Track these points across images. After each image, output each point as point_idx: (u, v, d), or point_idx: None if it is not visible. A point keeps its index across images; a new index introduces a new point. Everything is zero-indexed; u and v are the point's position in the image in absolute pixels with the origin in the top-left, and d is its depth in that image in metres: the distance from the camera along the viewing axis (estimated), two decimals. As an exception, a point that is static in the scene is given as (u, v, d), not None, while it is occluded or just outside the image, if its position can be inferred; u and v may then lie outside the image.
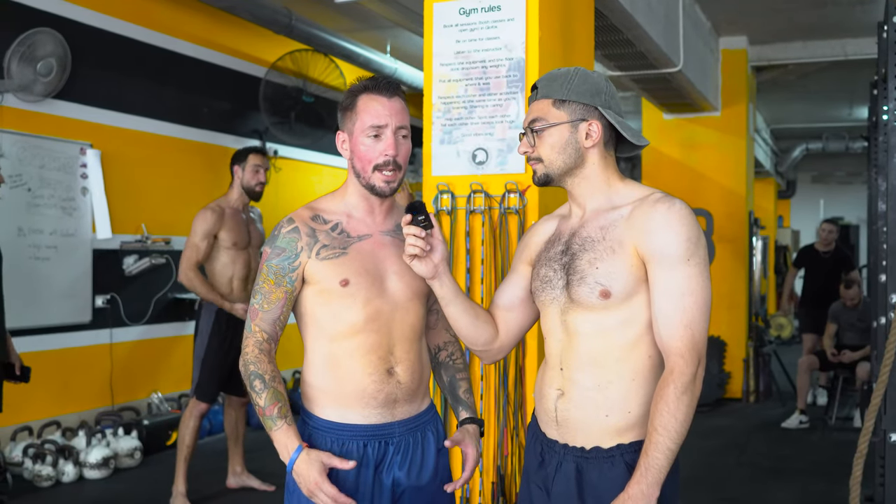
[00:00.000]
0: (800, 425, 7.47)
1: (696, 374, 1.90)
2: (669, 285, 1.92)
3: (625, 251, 1.97)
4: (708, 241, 8.32)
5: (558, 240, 2.12)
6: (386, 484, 2.21)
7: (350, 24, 8.08)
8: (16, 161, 5.75)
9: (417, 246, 2.08)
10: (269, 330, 2.19)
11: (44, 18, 5.92)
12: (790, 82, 10.67)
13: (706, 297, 1.94)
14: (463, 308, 2.19)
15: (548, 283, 2.08)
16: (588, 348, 2.01)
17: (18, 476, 5.43)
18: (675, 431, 1.87)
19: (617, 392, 1.98)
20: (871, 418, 3.23)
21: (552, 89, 2.07)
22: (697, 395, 1.92)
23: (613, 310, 1.98)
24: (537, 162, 2.09)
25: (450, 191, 3.90)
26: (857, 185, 19.27)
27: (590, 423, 2.00)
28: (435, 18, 3.98)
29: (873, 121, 4.61)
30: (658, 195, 2.01)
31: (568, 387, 2.04)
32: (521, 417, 3.77)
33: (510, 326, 2.26)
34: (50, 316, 6.00)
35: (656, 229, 1.94)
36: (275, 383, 2.14)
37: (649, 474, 1.88)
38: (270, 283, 2.18)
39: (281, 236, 2.20)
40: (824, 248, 8.52)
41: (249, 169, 5.11)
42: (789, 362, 9.55)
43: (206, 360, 4.96)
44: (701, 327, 1.92)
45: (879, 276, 4.33)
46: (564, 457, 2.04)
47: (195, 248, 4.95)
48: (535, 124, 2.07)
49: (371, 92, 2.20)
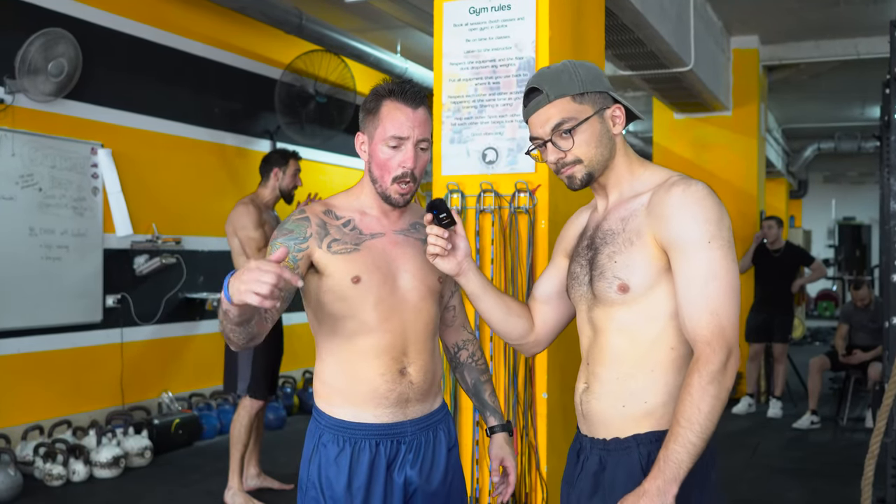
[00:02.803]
0: (811, 426, 7.44)
1: (726, 363, 1.79)
2: (692, 271, 1.83)
3: (643, 241, 1.90)
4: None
5: (585, 234, 2.08)
6: (398, 483, 2.21)
7: (360, 24, 8.09)
8: (27, 161, 5.77)
9: (438, 245, 2.07)
10: None
11: (55, 19, 5.94)
12: (802, 82, 10.63)
13: (732, 281, 1.84)
14: (493, 302, 2.17)
15: (576, 280, 2.05)
16: (612, 344, 1.97)
17: (29, 475, 5.45)
18: (699, 423, 1.76)
19: (635, 383, 1.93)
20: (883, 419, 3.22)
21: (564, 87, 1.97)
22: (728, 386, 1.80)
23: (633, 304, 1.91)
24: (574, 165, 1.98)
25: (460, 190, 3.89)
26: (870, 184, 19.19)
27: (608, 414, 1.97)
28: (445, 17, 3.98)
29: (885, 120, 4.59)
30: (675, 178, 1.93)
31: (591, 380, 2.02)
32: (530, 417, 3.76)
33: (547, 319, 2.22)
34: (61, 315, 6.02)
35: (673, 215, 1.86)
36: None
37: (668, 469, 1.76)
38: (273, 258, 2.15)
39: (290, 221, 2.20)
40: (773, 247, 8.20)
41: (290, 173, 5.21)
42: (801, 363, 9.51)
43: (258, 358, 4.99)
44: (729, 313, 1.82)
45: (891, 276, 4.32)
46: (591, 450, 2.02)
47: (253, 240, 4.91)
48: (566, 125, 1.95)
49: (397, 99, 2.17)
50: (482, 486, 3.83)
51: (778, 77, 10.06)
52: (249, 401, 5.02)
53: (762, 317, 8.13)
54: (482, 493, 3.82)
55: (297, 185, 5.26)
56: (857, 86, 11.11)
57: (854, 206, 20.21)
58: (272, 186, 5.19)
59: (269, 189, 5.19)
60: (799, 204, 18.94)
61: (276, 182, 5.18)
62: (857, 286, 7.83)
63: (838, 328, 8.02)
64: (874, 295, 8.12)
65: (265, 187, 5.20)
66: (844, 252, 18.67)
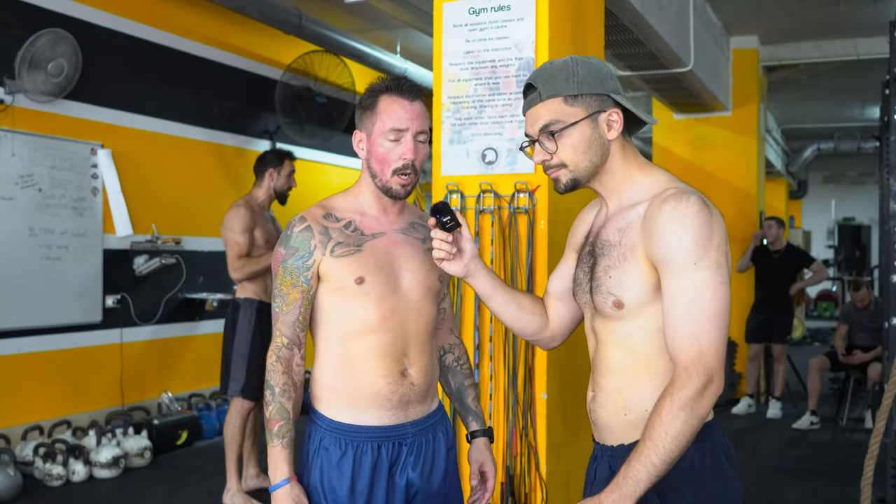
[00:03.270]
0: (811, 426, 7.44)
1: (703, 390, 1.73)
2: (676, 293, 1.77)
3: (636, 258, 1.85)
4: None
5: (590, 237, 2.04)
6: (399, 485, 2.21)
7: (360, 25, 8.09)
8: (27, 161, 5.77)
9: (443, 249, 2.07)
10: (289, 333, 2.19)
11: (55, 19, 5.94)
12: (802, 82, 10.63)
13: (718, 304, 1.76)
14: (504, 300, 2.16)
15: (580, 287, 2.02)
16: (612, 356, 1.94)
17: (29, 475, 5.45)
18: (663, 447, 1.72)
19: (635, 393, 1.91)
20: (883, 419, 3.22)
21: (558, 86, 1.91)
22: (701, 414, 1.74)
23: (630, 319, 1.88)
24: (559, 168, 1.94)
25: (459, 191, 3.89)
26: (869, 185, 19.19)
27: (613, 421, 1.96)
28: (444, 18, 3.98)
29: (885, 120, 4.59)
30: (670, 192, 1.84)
31: (597, 390, 2.01)
32: (529, 417, 3.76)
33: (561, 314, 2.19)
34: (61, 316, 6.02)
35: (661, 232, 1.79)
36: (283, 398, 2.17)
37: (625, 485, 1.74)
38: (287, 284, 2.18)
39: (294, 236, 2.19)
40: (773, 248, 8.19)
41: (285, 173, 5.20)
42: (800, 363, 9.51)
43: (252, 357, 4.96)
44: (711, 339, 1.74)
45: (891, 277, 4.32)
46: (602, 457, 2.01)
47: (237, 244, 4.94)
48: (552, 127, 1.90)
49: (393, 94, 2.18)
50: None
51: (777, 77, 10.06)
52: (240, 401, 4.99)
53: (762, 317, 8.13)
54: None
55: (292, 185, 5.25)
56: (857, 86, 11.11)
57: (854, 207, 20.19)
58: (267, 186, 5.18)
59: (264, 189, 5.19)
60: (798, 204, 18.94)
61: (270, 182, 5.17)
62: (856, 287, 7.84)
63: (838, 328, 8.02)
64: (874, 295, 8.12)
65: (259, 187, 5.20)
66: (844, 252, 18.67)
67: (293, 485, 2.14)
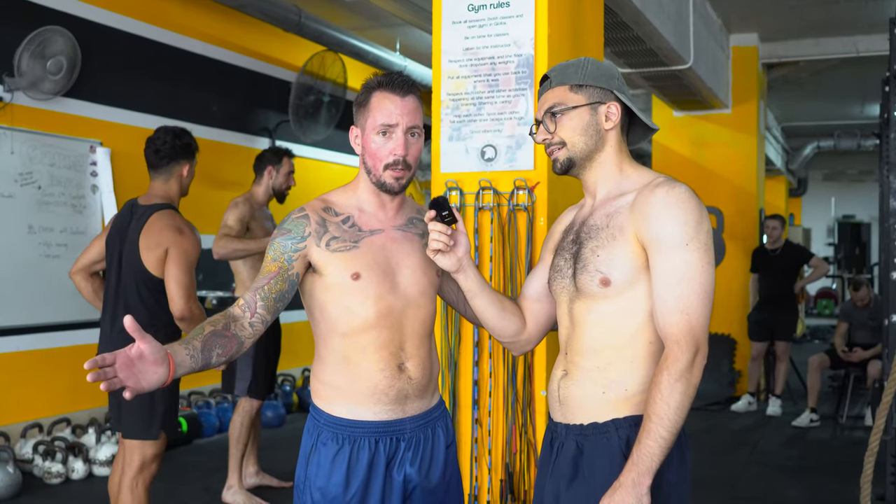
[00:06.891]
0: (811, 424, 7.44)
1: (693, 361, 1.87)
2: (667, 271, 1.90)
3: (625, 238, 1.96)
4: (718, 239, 8.34)
5: (572, 229, 2.14)
6: (397, 481, 2.21)
7: (359, 22, 8.09)
8: (26, 159, 5.76)
9: (441, 241, 2.11)
10: (248, 298, 2.09)
11: (54, 16, 5.93)
12: (801, 79, 10.63)
13: (706, 283, 1.90)
14: (489, 300, 2.22)
15: (559, 273, 2.10)
16: (590, 336, 2.02)
17: (28, 473, 5.45)
18: (668, 419, 1.84)
19: (615, 371, 1.99)
20: (882, 416, 3.22)
21: (567, 76, 2.09)
22: (695, 383, 1.88)
23: (614, 299, 1.97)
24: (559, 147, 2.09)
25: (458, 188, 3.89)
26: (869, 182, 19.18)
27: (588, 399, 2.01)
28: (444, 15, 3.98)
29: (885, 118, 4.59)
30: (660, 180, 2.00)
31: (570, 368, 2.06)
32: (529, 414, 3.76)
33: (538, 317, 2.27)
34: (60, 313, 6.01)
35: (655, 214, 1.93)
36: (204, 323, 2.01)
37: (641, 463, 1.85)
38: (268, 258, 2.16)
39: (290, 220, 2.20)
40: (772, 246, 8.23)
41: (284, 172, 5.19)
42: (800, 361, 9.51)
43: (258, 358, 4.98)
44: (699, 313, 1.89)
45: (891, 274, 4.32)
46: (567, 437, 2.05)
47: (227, 227, 4.90)
48: (556, 108, 2.08)
49: (385, 89, 2.20)
50: (481, 484, 3.83)
51: (777, 75, 10.06)
52: (248, 401, 5.02)
53: (765, 316, 8.12)
54: (480, 490, 3.83)
55: (291, 184, 5.24)
56: (857, 83, 11.11)
57: (854, 204, 20.20)
58: (265, 184, 5.18)
59: (263, 187, 5.18)
60: (798, 202, 18.94)
61: (269, 180, 5.17)
62: (856, 287, 7.83)
63: (838, 326, 8.02)
64: (873, 293, 8.12)
65: (259, 185, 5.19)
66: (844, 250, 18.67)
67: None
